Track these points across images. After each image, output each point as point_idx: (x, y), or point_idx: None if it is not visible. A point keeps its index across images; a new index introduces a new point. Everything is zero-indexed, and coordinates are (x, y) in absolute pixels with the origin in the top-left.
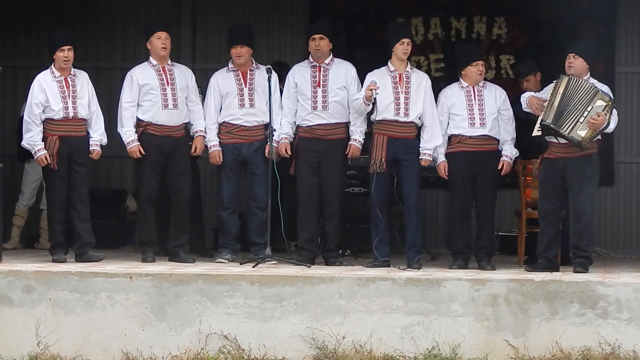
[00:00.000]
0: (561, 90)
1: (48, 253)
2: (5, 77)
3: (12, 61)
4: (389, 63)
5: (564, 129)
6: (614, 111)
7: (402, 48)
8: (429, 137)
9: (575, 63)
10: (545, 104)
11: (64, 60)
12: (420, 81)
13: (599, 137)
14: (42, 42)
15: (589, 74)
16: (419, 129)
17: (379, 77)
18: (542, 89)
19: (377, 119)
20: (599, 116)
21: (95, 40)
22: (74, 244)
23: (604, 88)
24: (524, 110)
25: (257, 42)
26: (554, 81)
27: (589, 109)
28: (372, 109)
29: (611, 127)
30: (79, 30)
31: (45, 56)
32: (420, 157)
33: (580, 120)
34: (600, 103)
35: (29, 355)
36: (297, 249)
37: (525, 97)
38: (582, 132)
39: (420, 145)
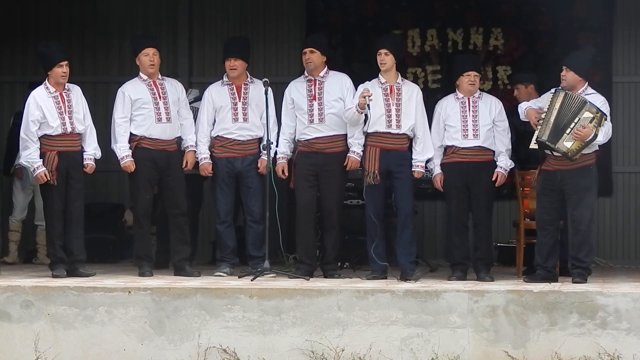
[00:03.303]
0: (557, 105)
1: (46, 268)
2: (2, 92)
3: (8, 76)
4: (379, 75)
5: (556, 143)
6: (607, 124)
7: (379, 59)
8: (421, 149)
9: (567, 76)
10: (542, 117)
11: (62, 76)
12: (412, 93)
13: (597, 148)
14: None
15: (585, 85)
16: (411, 140)
17: (370, 88)
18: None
19: (369, 131)
20: (584, 128)
21: (92, 55)
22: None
23: (600, 99)
24: (522, 120)
25: (253, 55)
26: (551, 93)
27: (575, 121)
28: (365, 118)
29: (600, 139)
30: (75, 45)
31: (42, 72)
32: (412, 169)
33: (567, 131)
34: (587, 115)
35: None
36: (295, 261)
37: (522, 108)
38: (567, 144)
39: (413, 157)
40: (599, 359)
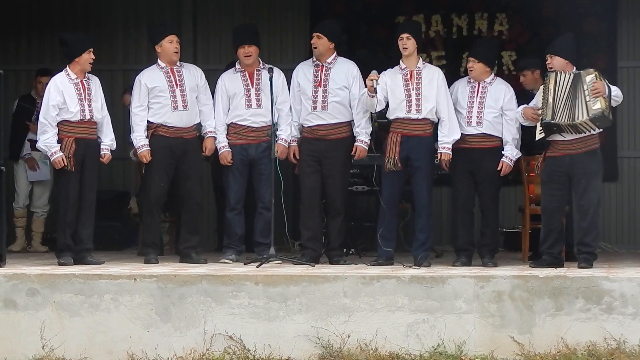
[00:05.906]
0: (551, 86)
1: (52, 256)
2: (7, 80)
3: (14, 65)
4: (400, 61)
5: (575, 119)
6: (614, 87)
7: (401, 44)
8: (447, 131)
9: (553, 62)
10: (540, 108)
11: (90, 63)
12: (432, 76)
13: (601, 130)
14: (44, 46)
15: (574, 68)
16: (435, 125)
17: (391, 75)
18: (540, 86)
19: (390, 117)
20: (596, 84)
21: (97, 43)
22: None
23: None
24: (522, 124)
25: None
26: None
27: (584, 88)
28: (376, 100)
29: (615, 91)
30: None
31: (47, 60)
32: (439, 152)
33: (587, 99)
34: (589, 77)
35: (34, 358)
36: (301, 248)
37: (519, 112)
38: (596, 105)
39: (439, 139)
40: (604, 344)
